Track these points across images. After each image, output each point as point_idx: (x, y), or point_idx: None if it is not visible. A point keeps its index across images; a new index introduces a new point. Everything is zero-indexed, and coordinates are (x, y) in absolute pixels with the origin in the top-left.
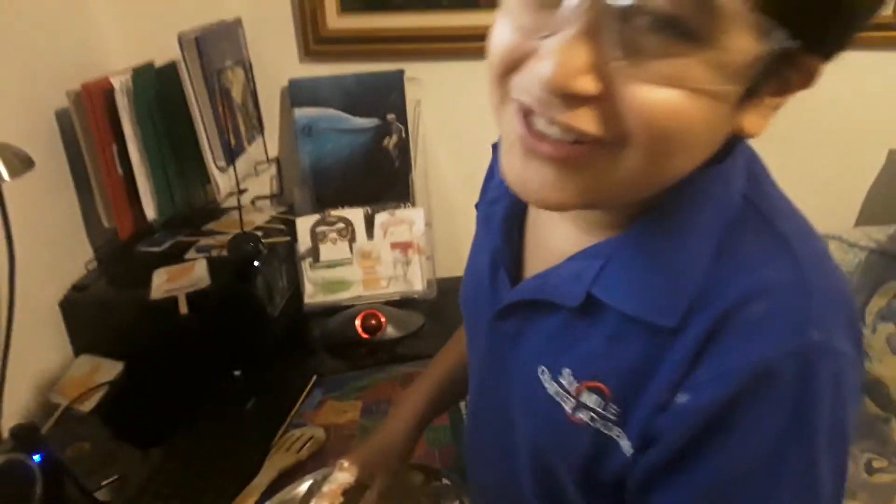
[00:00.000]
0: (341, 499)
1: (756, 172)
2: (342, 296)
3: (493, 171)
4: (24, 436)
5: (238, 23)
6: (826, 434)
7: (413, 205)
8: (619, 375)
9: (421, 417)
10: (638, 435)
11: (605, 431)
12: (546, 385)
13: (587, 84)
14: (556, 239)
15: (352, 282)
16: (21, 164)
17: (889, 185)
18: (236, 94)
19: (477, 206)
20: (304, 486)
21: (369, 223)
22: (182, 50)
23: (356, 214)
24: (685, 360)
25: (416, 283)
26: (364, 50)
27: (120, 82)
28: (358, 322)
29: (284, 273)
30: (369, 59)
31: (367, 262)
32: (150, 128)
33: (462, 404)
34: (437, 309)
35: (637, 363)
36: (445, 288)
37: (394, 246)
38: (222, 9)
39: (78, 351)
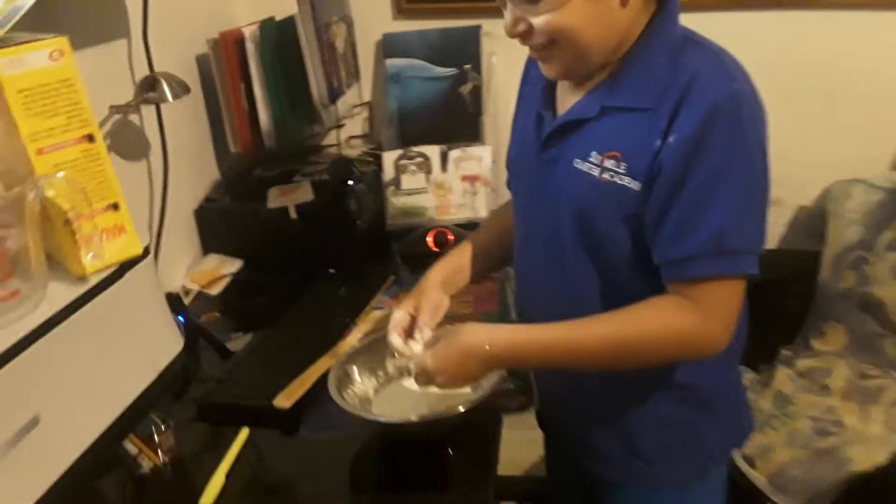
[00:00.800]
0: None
1: (691, 32)
2: (418, 219)
3: (527, 68)
4: (171, 303)
5: None
6: (754, 144)
7: (483, 143)
8: (625, 143)
9: (452, 267)
10: (644, 174)
11: (620, 182)
12: (581, 168)
13: (519, 29)
14: (573, 98)
15: (427, 207)
16: (181, 88)
17: None
18: (339, 45)
19: (520, 90)
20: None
21: (444, 158)
22: (299, 5)
23: (433, 151)
24: (666, 120)
25: (482, 210)
26: (447, 8)
27: (249, 32)
28: (430, 238)
29: (371, 198)
30: (452, 15)
31: (440, 192)
32: (270, 71)
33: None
34: None
35: (635, 133)
36: None
37: (464, 178)
38: None
39: (207, 250)
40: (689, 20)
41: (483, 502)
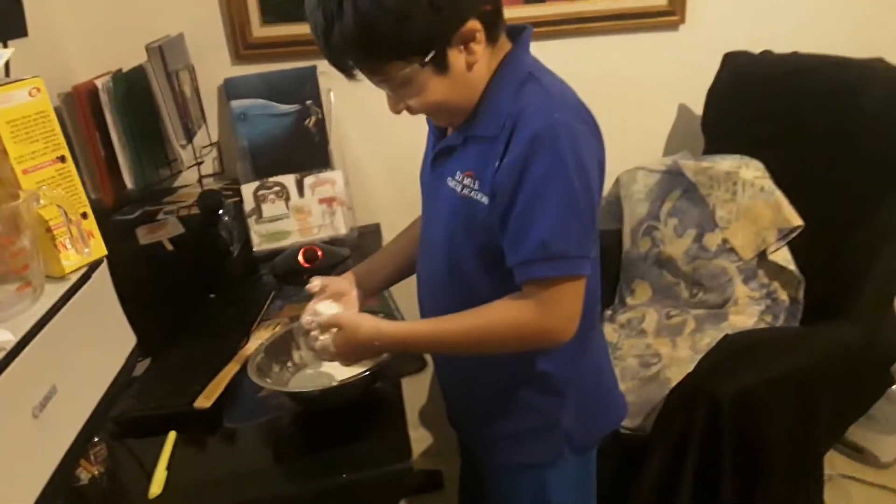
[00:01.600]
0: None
1: (539, 63)
2: (283, 243)
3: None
4: None
5: (181, 36)
6: (573, 166)
7: (333, 169)
8: (477, 165)
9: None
10: (489, 191)
11: (474, 196)
12: (450, 184)
13: (400, 108)
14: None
15: (290, 231)
16: None
17: (679, 128)
18: (186, 91)
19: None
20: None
21: (300, 185)
22: (149, 57)
23: (289, 179)
24: (503, 145)
25: (341, 228)
26: (283, 52)
27: (102, 83)
28: (300, 255)
29: (236, 227)
30: (287, 59)
31: (301, 215)
32: (124, 118)
33: None
34: (357, 246)
35: (484, 156)
36: (363, 231)
37: (321, 201)
38: (167, 26)
39: None
40: None
41: (402, 443)
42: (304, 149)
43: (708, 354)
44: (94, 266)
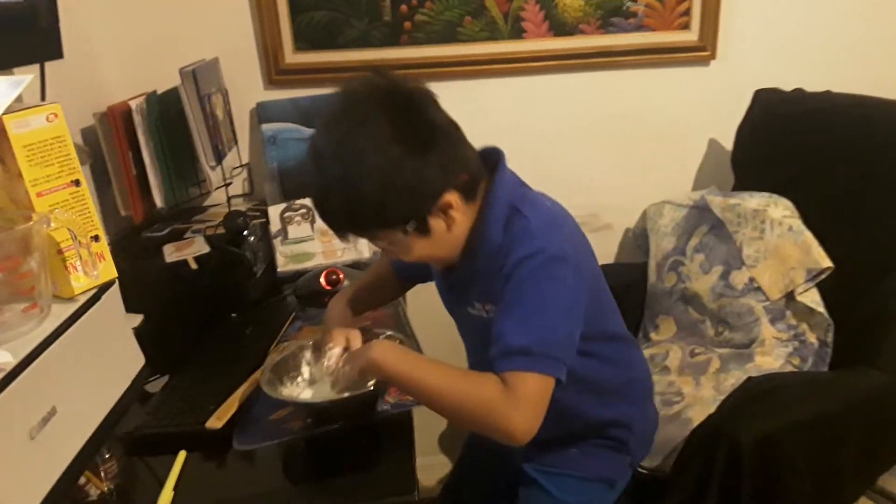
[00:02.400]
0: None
1: (519, 188)
2: (307, 264)
3: None
4: None
5: (216, 60)
6: (545, 279)
7: None
8: (489, 292)
9: (351, 301)
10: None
11: (493, 315)
12: (473, 311)
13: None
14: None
15: (314, 253)
16: (86, 155)
17: (708, 163)
18: (219, 113)
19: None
20: (294, 345)
21: None
22: (182, 80)
23: None
24: (500, 271)
25: (364, 251)
26: (313, 78)
27: (136, 104)
28: (322, 278)
29: (261, 248)
30: (318, 84)
31: (326, 238)
32: (157, 138)
33: None
34: None
35: (492, 282)
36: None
37: None
38: (203, 50)
39: None
40: (524, 83)
41: (408, 475)
42: None
43: (731, 396)
44: (104, 288)
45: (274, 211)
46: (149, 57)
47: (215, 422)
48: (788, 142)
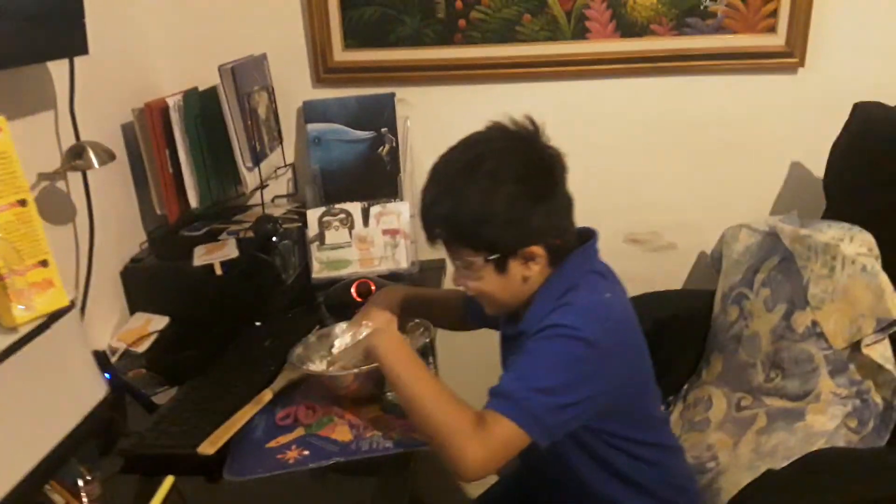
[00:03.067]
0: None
1: (591, 273)
2: (343, 272)
3: None
4: (98, 360)
5: (264, 56)
6: (563, 350)
7: (401, 199)
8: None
9: (410, 300)
10: None
11: None
12: None
13: (460, 285)
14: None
15: (350, 261)
16: (106, 155)
17: (792, 184)
18: (262, 111)
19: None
20: (339, 326)
21: (365, 214)
22: (221, 78)
23: (355, 207)
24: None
25: (403, 261)
26: (362, 77)
27: (174, 102)
28: (353, 288)
29: (296, 253)
30: (366, 84)
31: (363, 245)
32: (195, 137)
33: None
34: (418, 282)
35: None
36: (426, 266)
37: (385, 232)
38: (251, 45)
39: (134, 309)
40: (587, 87)
41: None
42: (375, 177)
43: (765, 475)
44: (56, 316)
45: (312, 215)
46: (194, 53)
47: (208, 447)
48: (890, 166)
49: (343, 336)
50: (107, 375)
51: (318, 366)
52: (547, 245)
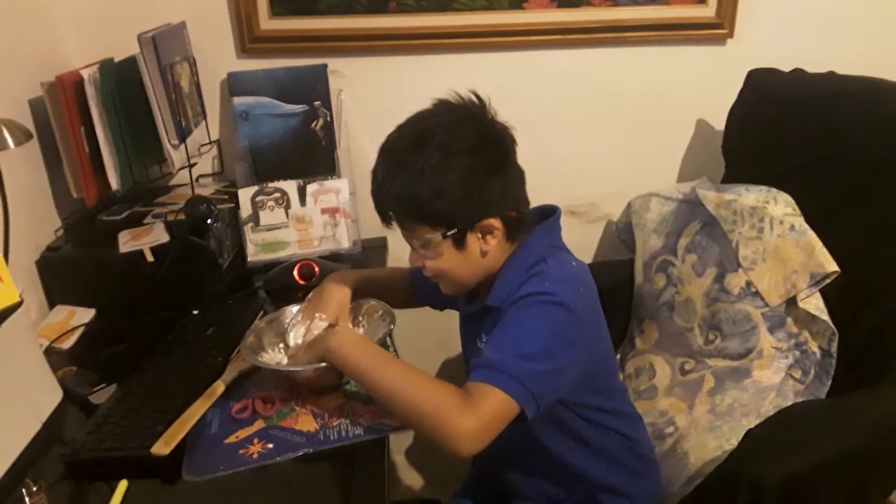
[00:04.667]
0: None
1: (554, 247)
2: (280, 254)
3: None
4: None
5: (183, 25)
6: (544, 316)
7: (339, 177)
8: (491, 328)
9: (360, 285)
10: None
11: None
12: (479, 345)
13: (417, 265)
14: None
15: (288, 242)
16: (23, 135)
17: (697, 150)
18: (184, 84)
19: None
20: (289, 310)
21: (302, 193)
22: (141, 47)
23: (290, 185)
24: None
25: (344, 241)
26: (291, 48)
27: (89, 74)
28: (296, 271)
29: (229, 235)
30: (296, 55)
31: (301, 226)
32: (112, 112)
33: None
34: (360, 261)
35: (498, 321)
36: (367, 245)
37: (323, 211)
38: (168, 13)
39: (53, 303)
40: (523, 58)
41: None
42: (309, 153)
43: (747, 434)
44: (4, 315)
45: (244, 194)
46: (105, 20)
47: (162, 447)
48: (787, 129)
49: (297, 328)
50: None
51: (272, 356)
52: (503, 218)
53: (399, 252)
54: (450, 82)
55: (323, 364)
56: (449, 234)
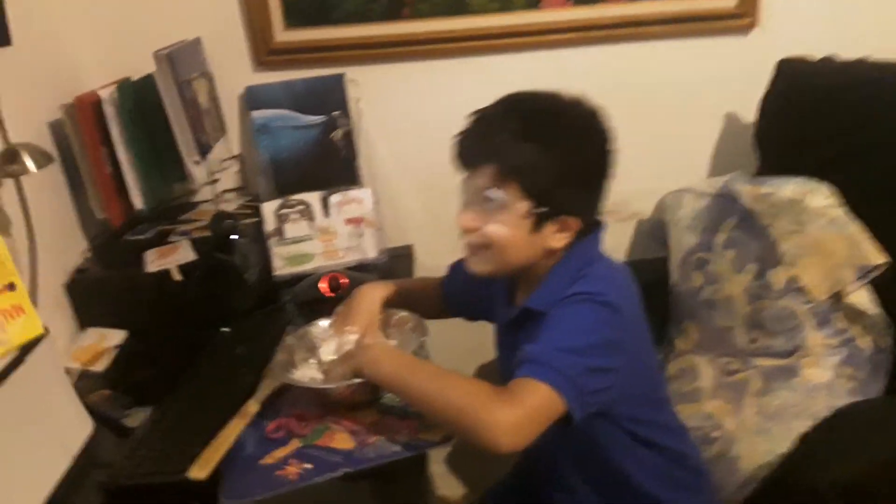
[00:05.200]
0: None
1: (598, 261)
2: (306, 266)
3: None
4: None
5: (198, 41)
6: (590, 314)
7: (361, 186)
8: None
9: (391, 297)
10: None
11: None
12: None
13: (471, 225)
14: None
15: (313, 254)
16: (43, 158)
17: (727, 143)
18: (202, 100)
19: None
20: (318, 324)
21: (325, 204)
22: (157, 65)
23: (313, 197)
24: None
25: (370, 251)
26: (307, 59)
27: (107, 94)
28: (323, 283)
29: (255, 250)
30: (312, 65)
31: (326, 237)
32: (132, 131)
33: None
34: (387, 271)
35: (539, 327)
36: (393, 254)
37: (348, 221)
38: (183, 29)
39: (84, 325)
40: (540, 58)
41: None
42: (331, 164)
43: (802, 440)
44: (28, 347)
45: (268, 208)
46: (120, 40)
47: (199, 471)
48: (822, 119)
49: (328, 343)
50: None
51: (304, 372)
52: (584, 219)
53: (426, 260)
54: (467, 86)
55: (357, 380)
56: (538, 210)
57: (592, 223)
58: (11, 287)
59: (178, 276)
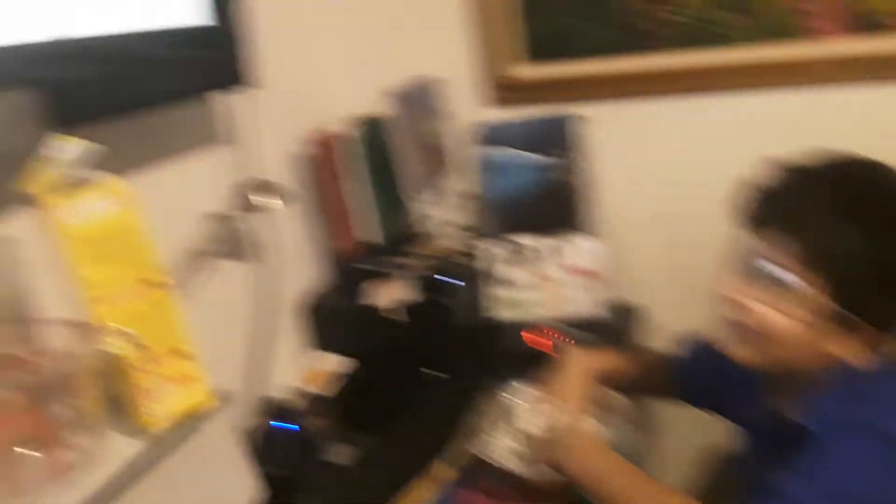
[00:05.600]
0: None
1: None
2: (525, 314)
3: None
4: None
5: (430, 78)
6: (879, 460)
7: (588, 234)
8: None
9: (607, 371)
10: None
11: None
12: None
13: (740, 301)
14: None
15: (533, 302)
16: (288, 194)
17: None
18: (432, 137)
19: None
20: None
21: (550, 250)
22: (391, 104)
23: (538, 242)
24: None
25: (593, 306)
26: (540, 96)
27: (344, 131)
28: (537, 337)
29: (472, 291)
30: (547, 102)
31: (548, 285)
32: (368, 167)
33: None
34: (611, 329)
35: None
36: (621, 312)
37: (572, 271)
38: (417, 67)
39: (316, 348)
40: (812, 97)
41: None
42: (558, 208)
43: None
44: (199, 417)
45: (490, 250)
46: (359, 78)
47: None
48: None
49: (533, 416)
50: (294, 427)
51: (500, 440)
52: (880, 328)
53: (660, 322)
54: (721, 129)
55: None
56: (841, 311)
57: (874, 348)
58: (183, 354)
59: (403, 316)
